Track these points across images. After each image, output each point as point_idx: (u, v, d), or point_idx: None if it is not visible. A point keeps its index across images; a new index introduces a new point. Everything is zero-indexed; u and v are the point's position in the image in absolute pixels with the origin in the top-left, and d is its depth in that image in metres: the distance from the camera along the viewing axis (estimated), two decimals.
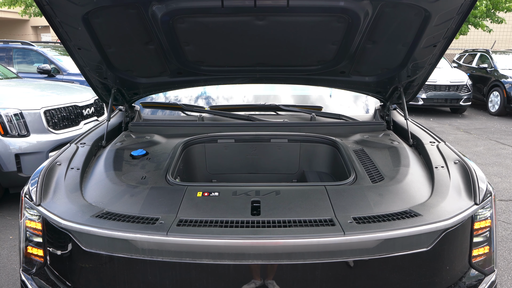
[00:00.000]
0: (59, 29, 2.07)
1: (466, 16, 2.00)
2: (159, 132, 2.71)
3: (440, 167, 2.03)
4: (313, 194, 1.81)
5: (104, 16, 2.00)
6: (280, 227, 1.56)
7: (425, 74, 2.49)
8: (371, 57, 2.39)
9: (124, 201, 1.78)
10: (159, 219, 1.60)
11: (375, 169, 2.09)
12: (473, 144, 7.56)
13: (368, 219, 1.60)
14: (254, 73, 2.60)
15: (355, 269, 1.57)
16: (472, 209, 1.68)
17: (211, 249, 1.52)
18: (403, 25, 2.10)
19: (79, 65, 2.37)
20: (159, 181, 1.97)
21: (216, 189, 1.85)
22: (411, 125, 2.66)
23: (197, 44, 2.24)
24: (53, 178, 1.93)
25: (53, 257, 1.74)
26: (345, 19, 2.03)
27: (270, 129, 2.73)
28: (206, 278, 1.56)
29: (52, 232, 1.72)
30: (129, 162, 2.22)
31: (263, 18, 2.00)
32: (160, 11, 1.96)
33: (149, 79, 2.63)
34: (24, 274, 1.81)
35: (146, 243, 1.52)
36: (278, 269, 1.55)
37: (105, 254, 1.58)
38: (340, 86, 2.81)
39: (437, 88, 10.44)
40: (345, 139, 2.58)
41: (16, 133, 4.13)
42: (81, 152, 2.21)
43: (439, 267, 1.65)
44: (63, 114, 4.65)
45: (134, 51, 2.31)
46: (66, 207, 1.71)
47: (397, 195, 1.82)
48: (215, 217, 1.62)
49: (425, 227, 1.55)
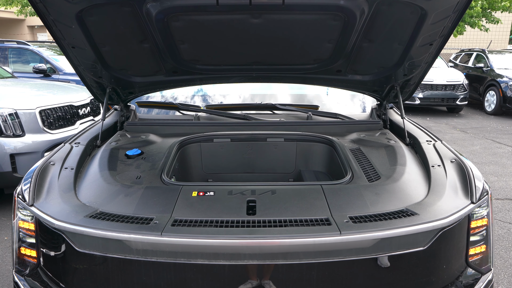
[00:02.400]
0: (52, 28, 2.05)
1: (462, 14, 1.99)
2: (154, 131, 2.69)
3: (437, 166, 2.02)
4: (309, 193, 1.80)
5: (98, 14, 1.98)
6: (276, 226, 1.54)
7: (421, 73, 2.48)
8: (367, 56, 2.38)
9: (118, 201, 1.76)
10: (154, 219, 1.58)
11: (372, 168, 2.08)
12: (469, 143, 7.58)
13: (364, 218, 1.59)
14: (250, 72, 2.58)
15: (351, 269, 1.56)
16: (468, 208, 1.68)
17: (206, 249, 1.51)
18: (399, 23, 2.09)
19: (73, 64, 2.35)
20: (154, 181, 1.95)
21: (211, 189, 1.84)
22: (407, 124, 2.65)
23: (193, 42, 2.22)
24: (46, 178, 1.91)
25: (47, 258, 1.72)
26: (341, 17, 2.01)
27: (266, 128, 2.72)
28: (201, 279, 1.54)
29: (45, 232, 1.69)
30: (124, 161, 2.20)
31: (258, 16, 1.99)
32: (155, 9, 1.94)
33: (144, 78, 2.61)
34: (17, 275, 1.79)
35: (140, 243, 1.51)
36: (274, 269, 1.54)
37: (99, 254, 1.57)
38: (337, 85, 2.79)
39: (433, 87, 10.47)
40: (342, 138, 2.57)
41: (11, 133, 4.10)
42: (76, 152, 2.18)
43: (436, 266, 1.64)
44: (59, 114, 4.62)
45: (129, 50, 2.29)
46: (60, 207, 1.69)
47: (393, 194, 1.81)
48: (210, 217, 1.61)
49: (422, 226, 1.54)
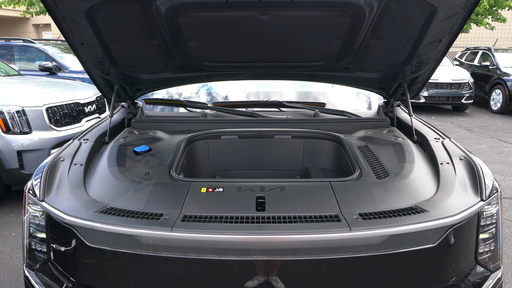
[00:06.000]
0: (62, 24, 2.06)
1: (472, 11, 1.98)
2: (162, 128, 2.70)
3: (446, 163, 2.01)
4: (318, 190, 1.80)
5: (108, 11, 1.99)
6: (285, 222, 1.55)
7: (429, 70, 2.47)
8: (375, 53, 2.37)
9: (128, 196, 1.77)
10: (164, 215, 1.59)
11: (380, 165, 2.08)
12: (475, 142, 7.54)
13: (373, 215, 1.59)
14: (257, 69, 2.58)
15: (360, 265, 1.56)
16: (478, 205, 1.67)
17: (216, 245, 1.51)
18: (408, 20, 2.08)
19: (82, 60, 2.36)
20: (162, 177, 1.96)
21: (220, 185, 1.84)
22: (415, 121, 2.64)
23: (201, 39, 2.22)
24: (56, 174, 1.92)
25: (57, 253, 1.73)
26: (350, 14, 2.01)
27: (273, 125, 2.72)
28: (210, 274, 1.55)
29: (56, 227, 1.71)
30: (133, 158, 2.21)
31: (267, 13, 1.99)
32: (164, 6, 1.95)
33: (152, 75, 2.61)
34: (28, 270, 1.80)
35: (150, 238, 1.51)
36: (283, 265, 1.54)
37: (109, 249, 1.58)
38: (344, 82, 2.79)
39: (439, 86, 10.42)
40: (349, 135, 2.57)
41: (18, 130, 4.13)
42: (84, 148, 2.20)
43: (445, 263, 1.64)
44: (65, 111, 4.65)
45: (137, 47, 2.30)
46: (70, 202, 1.70)
47: (402, 191, 1.81)
48: (220, 212, 1.61)
49: (432, 223, 1.54)
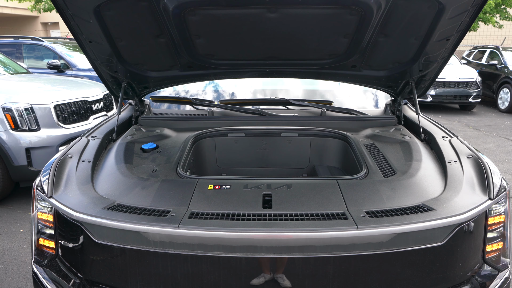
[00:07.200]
0: (70, 22, 2.07)
1: (480, 9, 1.97)
2: (169, 126, 2.71)
3: (453, 161, 2.00)
4: (325, 188, 1.80)
5: (116, 9, 2.00)
6: (292, 220, 1.55)
7: (437, 68, 2.46)
8: (383, 51, 2.36)
9: (135, 193, 1.78)
10: (171, 212, 1.59)
11: (387, 164, 2.07)
12: (482, 141, 7.49)
13: (381, 213, 1.58)
14: (264, 67, 2.58)
15: (367, 263, 1.56)
16: (486, 204, 1.66)
17: (223, 242, 1.52)
18: (416, 18, 2.07)
19: (90, 58, 2.38)
20: (170, 174, 1.97)
21: (227, 182, 1.85)
22: (422, 120, 2.63)
23: (208, 37, 2.23)
24: (64, 171, 1.94)
25: (65, 249, 1.75)
26: (358, 12, 2.00)
27: (280, 123, 2.72)
28: (217, 271, 1.55)
29: (64, 224, 1.72)
30: (140, 155, 2.22)
31: (275, 11, 1.99)
32: (172, 4, 1.95)
33: (159, 73, 2.62)
34: (36, 266, 1.82)
35: (158, 235, 1.52)
36: (289, 263, 1.54)
37: (117, 246, 1.59)
38: (351, 80, 2.78)
39: (446, 84, 10.35)
40: (356, 133, 2.56)
41: (26, 128, 4.17)
42: (92, 145, 2.21)
43: (452, 262, 1.63)
44: (73, 109, 4.68)
45: (145, 45, 2.31)
46: (78, 199, 1.72)
47: (409, 189, 1.80)
48: (227, 210, 1.62)
49: (439, 222, 1.53)
